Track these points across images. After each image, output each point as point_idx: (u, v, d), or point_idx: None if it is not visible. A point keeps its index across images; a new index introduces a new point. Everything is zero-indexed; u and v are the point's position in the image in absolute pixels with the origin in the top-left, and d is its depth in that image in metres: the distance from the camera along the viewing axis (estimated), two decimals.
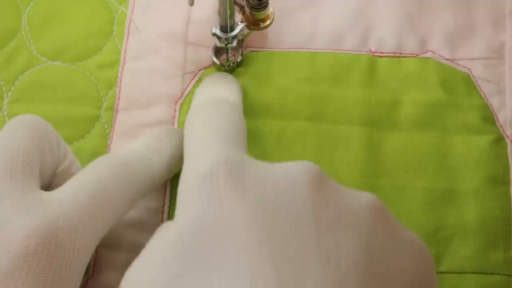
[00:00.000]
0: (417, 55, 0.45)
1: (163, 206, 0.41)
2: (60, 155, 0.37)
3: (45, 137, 0.35)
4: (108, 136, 0.43)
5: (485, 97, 0.44)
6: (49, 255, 0.31)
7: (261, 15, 0.43)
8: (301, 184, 0.30)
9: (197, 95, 0.39)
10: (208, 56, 0.45)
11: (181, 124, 0.43)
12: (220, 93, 0.39)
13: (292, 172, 0.30)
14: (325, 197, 0.30)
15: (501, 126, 0.43)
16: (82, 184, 0.34)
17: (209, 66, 0.45)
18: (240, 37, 0.44)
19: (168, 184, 0.42)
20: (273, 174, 0.30)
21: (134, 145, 0.38)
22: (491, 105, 0.44)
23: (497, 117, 0.44)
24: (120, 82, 0.44)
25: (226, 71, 0.44)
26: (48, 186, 0.37)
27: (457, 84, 0.44)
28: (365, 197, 0.30)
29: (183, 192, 0.31)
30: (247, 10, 0.43)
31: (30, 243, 0.31)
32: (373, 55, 0.45)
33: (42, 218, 0.32)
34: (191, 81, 0.44)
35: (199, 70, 0.45)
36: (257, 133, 0.43)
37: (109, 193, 0.34)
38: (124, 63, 0.45)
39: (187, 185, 0.31)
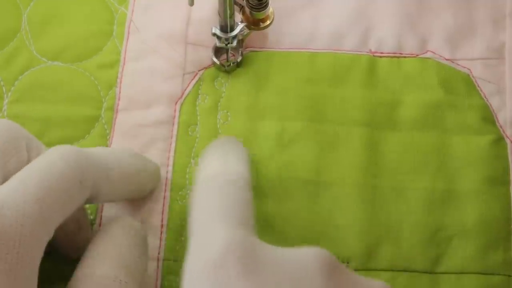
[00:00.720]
0: (417, 55, 0.45)
1: (163, 206, 0.41)
2: (31, 157, 0.36)
3: (12, 140, 0.35)
4: (108, 137, 0.43)
5: (485, 97, 0.44)
6: None
7: (261, 15, 0.43)
8: (315, 273, 0.29)
9: (204, 168, 0.38)
10: (208, 56, 0.45)
11: (181, 124, 0.43)
12: (228, 167, 0.37)
13: (305, 260, 0.30)
14: (338, 285, 0.30)
15: (501, 127, 0.43)
16: (30, 173, 0.33)
17: (209, 66, 0.45)
18: (240, 37, 0.44)
19: (168, 185, 0.42)
20: (285, 261, 0.30)
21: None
22: (491, 105, 0.44)
23: (497, 117, 0.44)
24: (120, 82, 0.44)
25: (226, 71, 0.44)
26: None
27: (457, 84, 0.44)
28: (377, 286, 0.30)
29: (191, 279, 0.30)
30: (247, 10, 0.43)
31: None
32: (373, 55, 0.45)
33: None
34: (191, 81, 0.44)
35: (199, 70, 0.45)
36: (257, 134, 0.43)
37: (57, 181, 0.33)
38: (124, 64, 0.45)
39: (196, 270, 0.30)
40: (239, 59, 0.44)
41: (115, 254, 0.35)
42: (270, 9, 0.44)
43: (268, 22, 0.44)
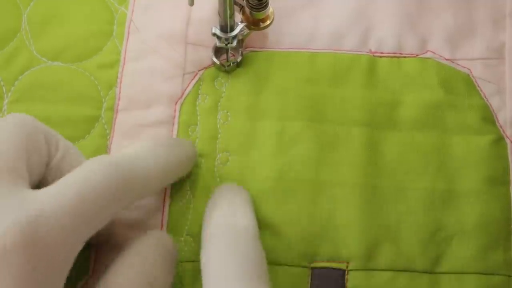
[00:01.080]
0: (417, 55, 0.45)
1: (163, 206, 0.41)
2: (50, 150, 0.36)
3: (30, 135, 0.35)
4: (108, 137, 0.43)
5: (485, 97, 0.44)
6: (27, 251, 0.30)
7: (261, 15, 0.43)
8: None
9: (212, 220, 0.37)
10: (208, 56, 0.45)
11: (181, 124, 0.43)
12: (236, 218, 0.37)
13: None
14: None
15: (501, 127, 0.43)
16: (68, 183, 0.33)
17: (209, 66, 0.45)
18: (240, 37, 0.44)
19: (168, 185, 0.42)
20: None
21: (130, 147, 0.38)
22: (491, 105, 0.44)
23: (497, 117, 0.44)
24: (120, 82, 0.44)
25: (226, 71, 0.44)
26: (42, 181, 0.36)
27: (457, 84, 0.44)
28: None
29: None
30: (247, 10, 0.43)
31: (7, 240, 0.30)
32: (373, 55, 0.45)
33: (22, 215, 0.31)
34: (191, 81, 0.44)
35: (199, 70, 0.45)
36: (257, 133, 0.43)
37: (96, 194, 0.33)
38: (124, 64, 0.45)
39: None
40: (239, 59, 0.44)
41: (140, 270, 0.35)
42: (270, 9, 0.44)
43: (268, 22, 0.44)
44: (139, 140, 0.43)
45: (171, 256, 0.37)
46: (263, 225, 0.41)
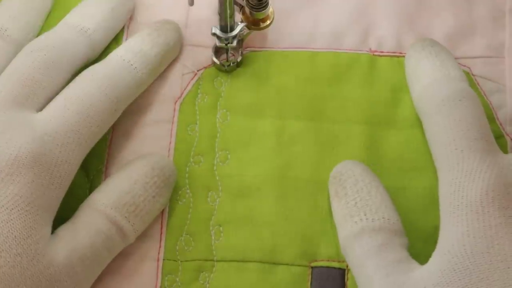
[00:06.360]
0: None
1: None
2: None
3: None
4: (107, 136, 0.43)
5: (485, 95, 0.44)
6: (35, 165, 0.35)
7: (261, 15, 0.43)
8: None
9: (422, 75, 0.42)
10: (208, 56, 0.45)
11: (181, 123, 0.43)
12: (449, 70, 0.41)
13: None
14: None
15: (501, 124, 0.43)
16: (68, 102, 0.38)
17: (209, 66, 0.45)
18: (240, 37, 0.44)
19: None
20: None
21: (117, 52, 0.41)
22: (491, 103, 0.44)
23: (497, 115, 0.43)
24: None
25: (226, 71, 0.44)
26: None
27: None
28: None
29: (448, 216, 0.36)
30: (247, 10, 0.43)
31: (20, 158, 0.35)
32: (373, 54, 0.45)
33: (30, 136, 0.36)
34: (190, 80, 0.44)
35: (198, 70, 0.45)
36: (257, 132, 0.43)
37: (95, 109, 0.38)
38: None
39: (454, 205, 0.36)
40: (239, 59, 0.44)
41: (126, 189, 0.38)
42: (270, 9, 0.44)
43: (268, 22, 0.44)
44: (139, 139, 0.43)
45: (165, 180, 0.39)
46: (262, 224, 0.40)
